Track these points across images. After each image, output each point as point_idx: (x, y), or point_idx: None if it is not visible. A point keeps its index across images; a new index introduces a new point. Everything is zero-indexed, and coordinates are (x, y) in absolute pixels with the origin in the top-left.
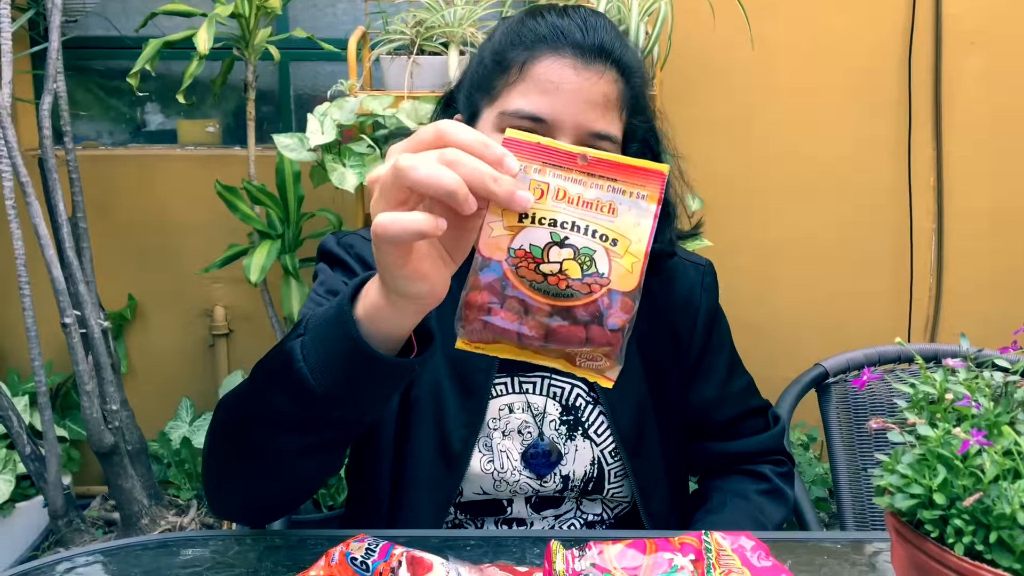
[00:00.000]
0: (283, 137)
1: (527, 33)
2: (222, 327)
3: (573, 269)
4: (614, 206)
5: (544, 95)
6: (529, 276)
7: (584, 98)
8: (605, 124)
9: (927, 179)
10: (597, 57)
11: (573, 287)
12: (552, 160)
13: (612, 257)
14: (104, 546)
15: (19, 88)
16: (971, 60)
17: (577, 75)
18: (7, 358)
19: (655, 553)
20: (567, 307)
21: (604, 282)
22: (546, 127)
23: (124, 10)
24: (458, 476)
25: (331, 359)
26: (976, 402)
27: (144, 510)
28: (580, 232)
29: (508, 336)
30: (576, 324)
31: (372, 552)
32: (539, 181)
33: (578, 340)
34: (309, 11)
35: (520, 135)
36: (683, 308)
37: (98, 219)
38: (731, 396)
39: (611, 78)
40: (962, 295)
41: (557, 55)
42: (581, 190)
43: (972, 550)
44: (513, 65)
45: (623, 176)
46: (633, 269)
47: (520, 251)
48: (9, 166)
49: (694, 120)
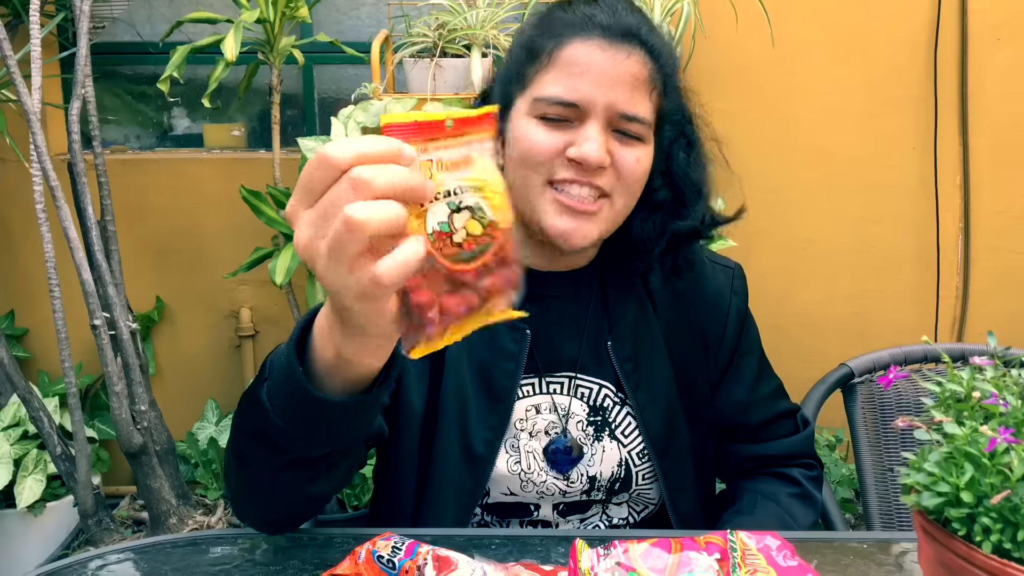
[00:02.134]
0: (308, 140)
1: (556, 22)
2: (248, 329)
3: (474, 226)
4: (470, 157)
5: (573, 77)
6: (451, 252)
7: (613, 77)
8: (634, 106)
9: (953, 177)
10: (624, 38)
11: (480, 243)
12: (429, 134)
13: (488, 201)
14: (135, 544)
15: (48, 93)
16: (997, 56)
17: (604, 54)
18: (38, 360)
19: (680, 552)
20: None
21: (496, 224)
22: (578, 111)
23: (150, 16)
24: (482, 478)
25: (290, 407)
26: (1004, 400)
27: (172, 510)
28: (465, 191)
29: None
30: (496, 272)
31: (398, 550)
32: (425, 160)
33: (510, 284)
34: (333, 15)
35: (397, 117)
36: (712, 311)
37: (126, 222)
38: (761, 399)
39: (639, 59)
40: (989, 293)
41: (585, 37)
42: (450, 154)
43: (1000, 548)
44: (543, 52)
45: (471, 128)
46: (503, 204)
47: (435, 232)
48: (39, 170)
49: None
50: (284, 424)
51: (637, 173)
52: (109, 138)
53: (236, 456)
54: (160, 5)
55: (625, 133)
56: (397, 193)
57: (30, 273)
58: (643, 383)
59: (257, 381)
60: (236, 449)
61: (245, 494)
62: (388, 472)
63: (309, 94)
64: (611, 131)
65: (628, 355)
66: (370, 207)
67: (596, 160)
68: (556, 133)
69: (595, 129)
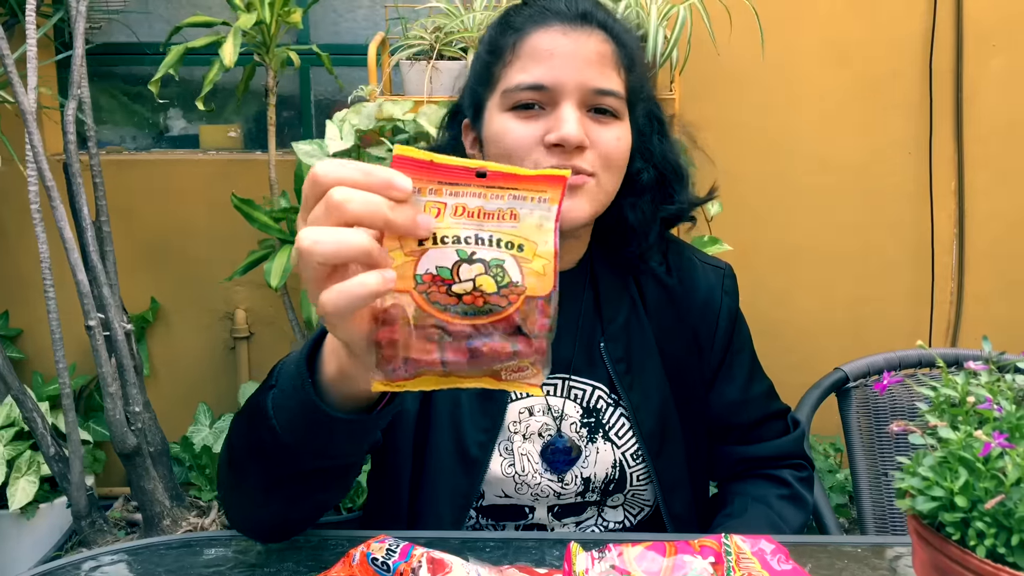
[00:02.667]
0: (303, 144)
1: (514, 19)
2: (243, 330)
3: (487, 283)
4: (515, 212)
5: (540, 63)
6: (443, 300)
7: (580, 57)
8: (605, 80)
9: (948, 182)
10: (583, 21)
11: (490, 302)
12: (448, 178)
13: (522, 263)
14: (128, 545)
15: (44, 94)
16: (992, 62)
17: (566, 37)
18: (32, 360)
19: (675, 555)
20: (489, 323)
21: (520, 290)
22: (549, 93)
23: (147, 17)
24: (477, 480)
25: (296, 419)
26: (998, 405)
27: (166, 511)
28: (485, 244)
29: (432, 367)
30: (500, 340)
31: (393, 553)
32: (435, 201)
33: (506, 355)
34: (329, 16)
35: (410, 151)
36: (704, 311)
37: (121, 223)
38: (753, 399)
39: (601, 38)
40: (984, 299)
41: (544, 26)
42: (481, 203)
43: (994, 553)
44: (506, 49)
45: (524, 184)
46: (545, 271)
47: (427, 275)
48: (34, 170)
49: (713, 123)
50: (286, 435)
51: (619, 151)
52: (105, 139)
53: (232, 464)
54: (157, 6)
55: (601, 110)
56: (370, 221)
57: (25, 273)
58: (636, 384)
59: (262, 388)
60: (233, 457)
61: (239, 502)
62: (382, 475)
63: (305, 96)
64: (586, 111)
65: (621, 356)
66: (322, 234)
67: (575, 138)
68: (531, 123)
69: (570, 109)
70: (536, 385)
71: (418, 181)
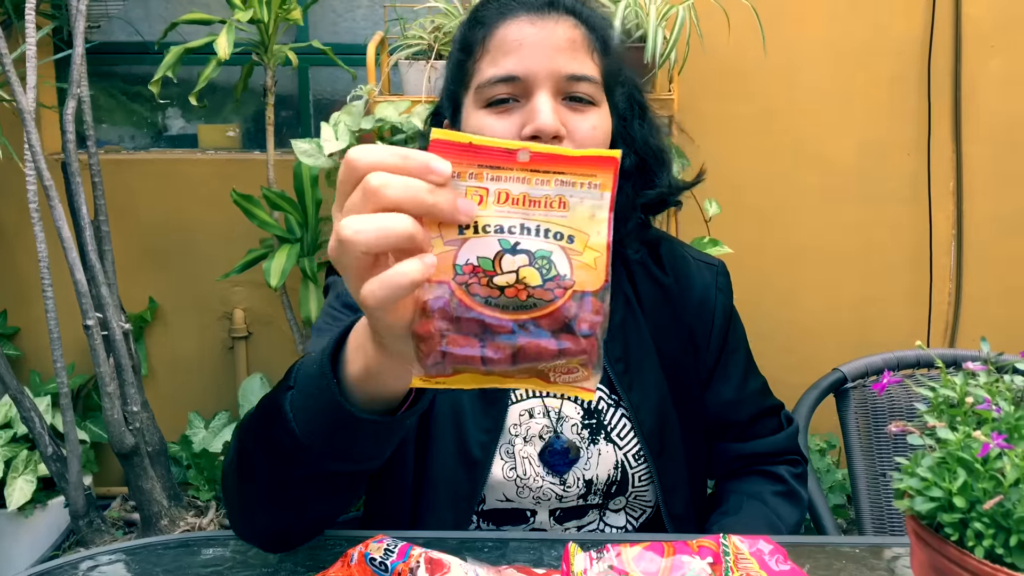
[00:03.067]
0: (301, 143)
1: (482, 13)
2: (241, 330)
3: (531, 276)
4: (564, 200)
5: (510, 54)
6: (483, 292)
7: (550, 45)
8: (578, 65)
9: (946, 183)
10: (550, 8)
11: (535, 296)
12: (488, 161)
13: (571, 255)
14: (126, 545)
15: (43, 93)
16: (991, 63)
17: (534, 26)
18: (30, 360)
19: (673, 556)
20: (532, 319)
21: (568, 284)
22: (522, 84)
23: (147, 16)
24: (479, 483)
25: (317, 420)
26: (997, 406)
27: (164, 511)
28: (531, 234)
29: (472, 363)
30: (545, 337)
31: (391, 553)
32: (476, 187)
33: (550, 354)
34: (328, 16)
35: (448, 135)
36: (699, 309)
37: (120, 222)
38: (748, 397)
39: (570, 24)
40: (982, 300)
41: (511, 18)
42: (526, 189)
43: (992, 553)
44: (476, 44)
45: (571, 167)
46: (596, 264)
47: (468, 266)
48: (33, 170)
49: (713, 124)
50: (306, 436)
51: (597, 140)
52: (104, 138)
53: (242, 467)
54: (156, 5)
55: (576, 98)
56: (410, 206)
57: (23, 272)
58: (635, 384)
59: (279, 390)
60: (243, 460)
61: (246, 506)
62: (383, 475)
63: (304, 95)
64: (561, 100)
65: (619, 356)
66: (363, 222)
67: (551, 128)
68: (507, 118)
69: (544, 99)
70: (589, 390)
71: (457, 165)
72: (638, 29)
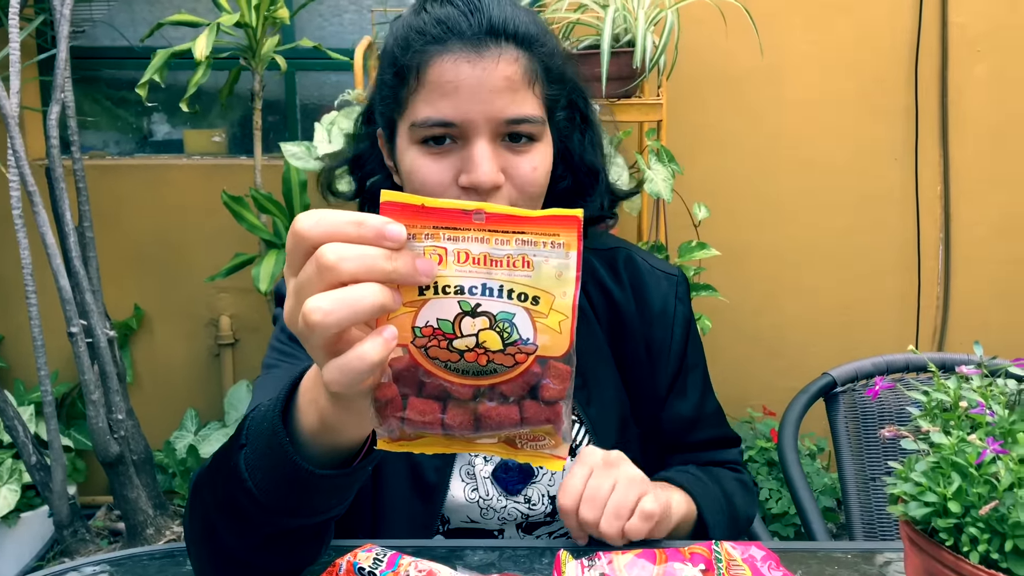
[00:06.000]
0: (291, 146)
1: (414, 36)
2: (228, 337)
3: (492, 340)
4: (528, 259)
5: (445, 98)
6: (442, 356)
7: (488, 88)
8: (517, 107)
9: (934, 187)
10: (489, 40)
11: (495, 361)
12: (443, 222)
13: (535, 318)
14: (110, 556)
15: (26, 97)
16: (977, 68)
17: (473, 67)
18: (13, 367)
19: (665, 563)
20: (492, 385)
21: (529, 349)
22: (458, 129)
23: (132, 21)
24: (436, 507)
25: (273, 478)
26: (990, 410)
27: (149, 520)
28: (493, 295)
29: (432, 428)
30: (506, 404)
31: (380, 562)
32: (434, 246)
33: (512, 422)
34: (315, 20)
35: (399, 197)
36: (659, 319)
37: (104, 229)
38: (706, 418)
39: (510, 57)
40: (969, 303)
41: (448, 53)
42: (486, 248)
43: (987, 559)
44: (409, 73)
45: (531, 227)
46: (561, 328)
47: (427, 328)
48: (16, 175)
49: (702, 128)
50: (263, 496)
51: (538, 180)
52: (88, 143)
53: (204, 526)
54: (141, 9)
55: (516, 137)
56: (369, 278)
57: (6, 279)
58: (594, 398)
59: (231, 448)
60: (204, 519)
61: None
62: None
63: (291, 100)
64: (500, 141)
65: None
66: (331, 303)
67: (488, 182)
68: (443, 161)
69: (482, 147)
70: (560, 457)
71: (411, 227)
72: (626, 34)
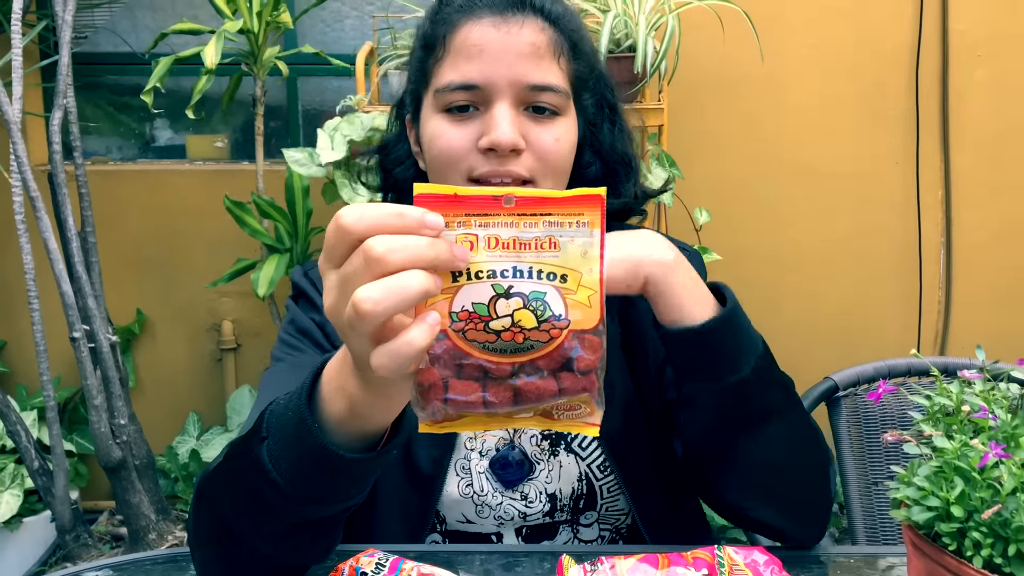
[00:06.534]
0: (293, 152)
1: (444, 9)
2: (230, 342)
3: (527, 319)
4: (555, 240)
5: (470, 60)
6: (480, 338)
7: (513, 52)
8: (541, 74)
9: (935, 192)
10: (515, 8)
11: (531, 338)
12: (474, 210)
13: (565, 295)
14: (113, 560)
15: (29, 102)
16: (978, 73)
17: (497, 30)
18: (16, 373)
19: (668, 568)
20: (530, 361)
21: (563, 324)
22: (481, 92)
23: (134, 27)
24: (431, 500)
25: (300, 467)
26: (993, 414)
27: (151, 525)
28: (524, 276)
29: (474, 407)
30: (544, 377)
31: (382, 567)
32: (466, 234)
33: (550, 394)
34: (317, 26)
35: (431, 188)
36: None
37: (107, 234)
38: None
39: (536, 26)
40: (971, 308)
41: (474, 19)
42: (515, 232)
43: (991, 563)
44: (437, 43)
45: (557, 208)
46: (591, 303)
47: (463, 313)
48: (19, 181)
49: (702, 133)
50: (289, 485)
51: (560, 152)
52: (90, 149)
53: (216, 526)
54: (143, 15)
55: (540, 109)
56: (415, 266)
57: (9, 285)
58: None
59: (248, 443)
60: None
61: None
62: None
63: (293, 106)
64: (523, 110)
65: None
66: (381, 292)
67: (508, 142)
68: (465, 126)
69: (503, 109)
70: (594, 424)
71: (444, 215)
72: (627, 39)
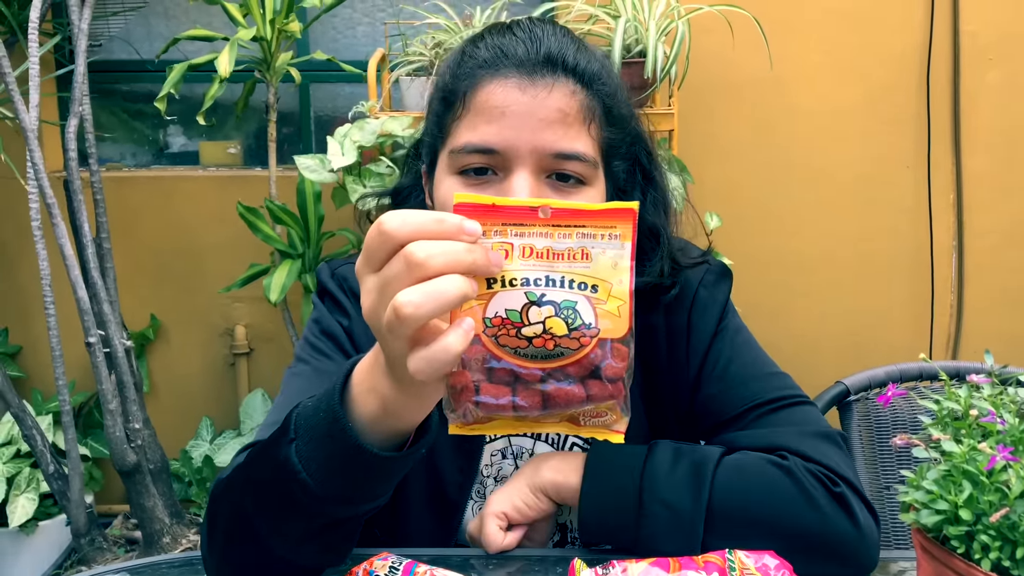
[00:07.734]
0: (304, 158)
1: (468, 61)
2: (243, 346)
3: (558, 326)
4: (587, 251)
5: (491, 123)
6: (512, 343)
7: (537, 117)
8: (568, 142)
9: (946, 195)
10: (545, 69)
11: (561, 345)
12: (511, 219)
13: (596, 304)
14: (130, 564)
15: (45, 111)
16: (989, 76)
17: (524, 93)
18: (32, 377)
19: (679, 572)
20: (559, 367)
21: (592, 332)
22: (500, 157)
23: (148, 35)
24: (454, 526)
25: (331, 467)
26: (1001, 418)
27: (166, 528)
28: (556, 285)
29: (504, 411)
30: (573, 384)
31: (396, 570)
32: (502, 242)
33: (578, 400)
34: (329, 33)
35: (470, 198)
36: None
37: (121, 240)
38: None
39: (567, 90)
40: (983, 311)
41: (500, 77)
42: (549, 243)
43: (999, 566)
44: (457, 99)
45: (591, 220)
46: (620, 312)
47: (496, 319)
48: (35, 187)
49: (712, 137)
50: (319, 485)
51: None
52: (105, 156)
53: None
54: (158, 24)
55: (564, 177)
56: (454, 271)
57: (25, 290)
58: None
59: (274, 444)
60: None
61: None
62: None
63: (305, 112)
64: (545, 177)
65: None
66: (421, 296)
67: None
68: (480, 191)
69: (522, 179)
70: (619, 431)
71: (482, 224)
72: (637, 44)
